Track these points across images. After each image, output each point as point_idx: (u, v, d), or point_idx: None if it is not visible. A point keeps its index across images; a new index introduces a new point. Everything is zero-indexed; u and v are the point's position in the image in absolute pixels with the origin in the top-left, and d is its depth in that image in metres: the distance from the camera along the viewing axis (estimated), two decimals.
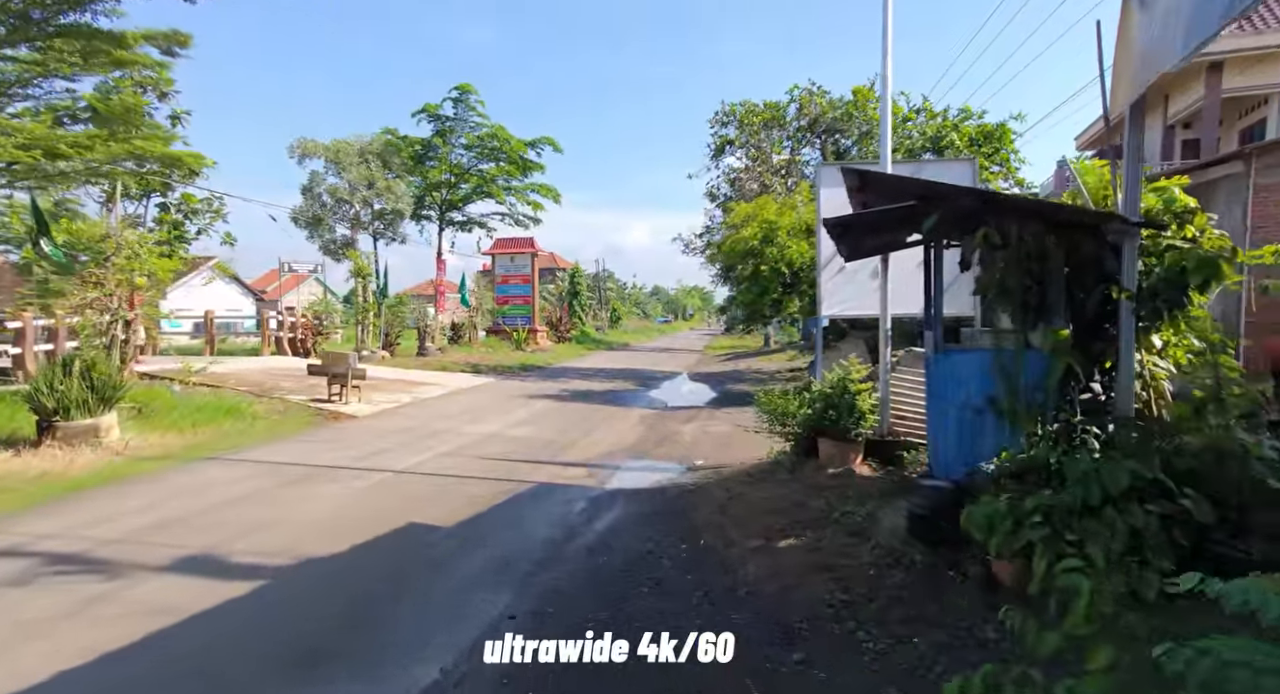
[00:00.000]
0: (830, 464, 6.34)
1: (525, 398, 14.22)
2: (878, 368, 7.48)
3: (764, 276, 13.20)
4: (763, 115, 17.89)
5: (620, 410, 12.87)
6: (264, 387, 12.59)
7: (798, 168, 18.42)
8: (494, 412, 12.17)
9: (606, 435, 10.14)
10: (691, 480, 7.23)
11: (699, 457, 8.59)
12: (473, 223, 24.07)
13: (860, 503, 5.29)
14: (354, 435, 9.50)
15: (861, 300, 7.54)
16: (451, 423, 10.69)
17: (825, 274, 7.62)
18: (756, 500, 5.75)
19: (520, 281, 32.03)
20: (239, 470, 7.23)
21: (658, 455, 8.73)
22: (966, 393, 4.70)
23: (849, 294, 7.57)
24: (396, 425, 10.31)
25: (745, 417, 12.03)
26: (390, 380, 15.45)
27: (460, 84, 20.79)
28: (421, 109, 21.32)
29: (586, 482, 7.26)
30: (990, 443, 4.62)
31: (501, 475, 7.38)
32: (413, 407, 12.36)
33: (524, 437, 9.79)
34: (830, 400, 6.36)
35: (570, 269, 49.57)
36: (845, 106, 17.17)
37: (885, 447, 6.50)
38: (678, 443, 9.61)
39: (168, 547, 4.80)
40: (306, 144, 20.53)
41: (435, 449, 8.64)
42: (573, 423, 11.18)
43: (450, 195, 22.59)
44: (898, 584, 3.92)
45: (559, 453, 8.74)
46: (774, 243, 13.20)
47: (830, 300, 7.65)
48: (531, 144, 22.54)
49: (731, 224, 14.25)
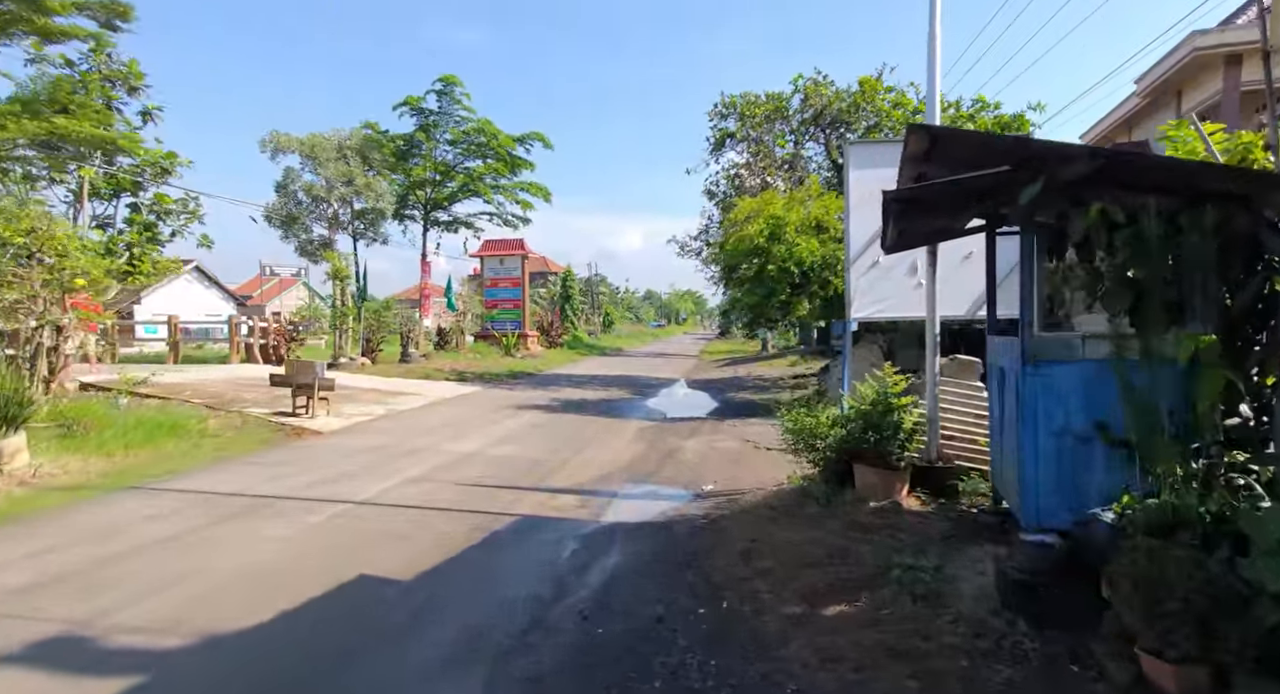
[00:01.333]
0: (870, 496, 5.29)
1: (512, 409, 13.13)
2: (914, 379, 6.46)
3: (771, 277, 12.19)
4: (765, 107, 16.92)
5: (616, 423, 11.81)
6: (223, 399, 11.45)
7: (802, 163, 17.45)
8: (477, 426, 11.06)
9: (601, 453, 9.07)
10: (702, 511, 6.17)
11: (708, 479, 7.54)
12: (459, 223, 22.98)
13: (921, 552, 4.23)
14: (315, 456, 8.38)
15: (899, 300, 6.53)
16: (428, 439, 9.59)
17: (855, 271, 6.59)
18: (787, 545, 4.69)
19: (510, 285, 30.92)
20: (165, 503, 6.10)
21: (660, 478, 7.67)
22: (1065, 415, 3.67)
23: (883, 293, 6.55)
24: (366, 443, 9.19)
25: (753, 429, 11.00)
26: (366, 390, 14.32)
27: (444, 75, 19.71)
28: (403, 102, 20.21)
29: (579, 514, 6.18)
30: (1100, 482, 3.59)
31: (479, 506, 6.29)
32: (387, 420, 11.24)
33: (508, 456, 8.70)
34: (870, 419, 5.31)
35: (562, 272, 48.50)
36: (853, 97, 16.22)
37: (936, 475, 5.47)
38: (682, 462, 8.55)
39: (26, 619, 3.69)
40: (280, 138, 19.36)
41: (405, 473, 7.54)
42: (564, 438, 10.10)
43: (435, 194, 21.46)
44: (1004, 684, 2.86)
45: (547, 476, 7.66)
46: (781, 240, 12.20)
47: (861, 300, 6.62)
48: (520, 140, 21.44)
49: (734, 221, 13.24)
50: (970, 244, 6.35)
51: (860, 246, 6.41)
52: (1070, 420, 3.65)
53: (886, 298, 6.48)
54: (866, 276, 6.51)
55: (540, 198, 23.36)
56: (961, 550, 4.19)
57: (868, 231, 6.37)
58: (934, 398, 5.54)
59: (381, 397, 13.59)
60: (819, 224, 12.69)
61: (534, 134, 21.46)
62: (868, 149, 6.29)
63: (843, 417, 5.63)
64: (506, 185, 22.45)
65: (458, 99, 20.23)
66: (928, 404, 5.58)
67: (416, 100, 20.00)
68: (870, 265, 6.47)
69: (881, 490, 5.29)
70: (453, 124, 20.64)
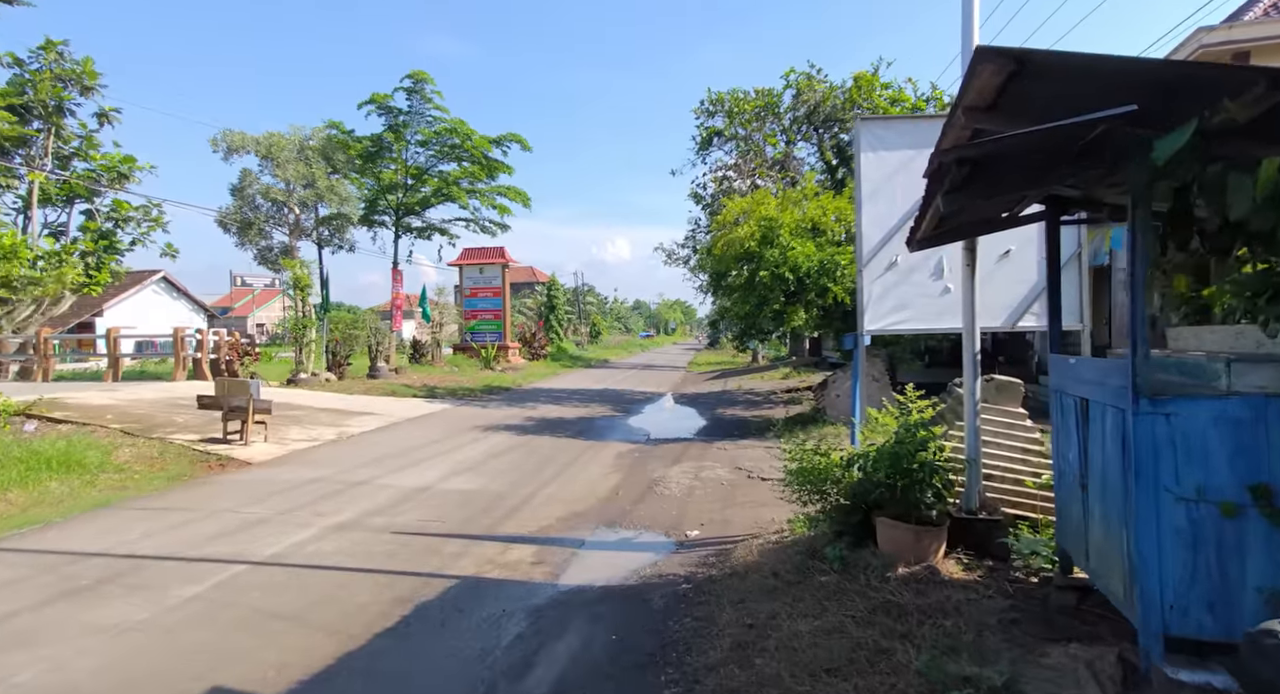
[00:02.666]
0: (898, 558, 4.14)
1: (480, 430, 11.91)
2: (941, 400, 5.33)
3: (763, 284, 11.10)
4: (754, 103, 15.90)
5: (593, 446, 10.62)
6: (151, 423, 10.15)
7: (795, 164, 16.43)
8: (436, 452, 9.84)
9: (572, 485, 7.88)
10: (685, 569, 5.01)
11: (693, 520, 6.38)
12: (432, 229, 21.68)
13: (981, 655, 3.08)
14: (230, 495, 7.13)
15: (922, 308, 5.43)
16: (374, 471, 8.35)
17: (868, 274, 5.47)
18: (796, 636, 3.52)
19: (490, 294, 29.72)
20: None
21: (637, 519, 6.50)
22: (1203, 475, 2.54)
23: (903, 300, 5.43)
24: (299, 477, 7.95)
25: (745, 453, 9.86)
26: (321, 410, 13.04)
27: (414, 71, 18.40)
28: (369, 100, 18.89)
29: (533, 573, 5.00)
30: (1260, 571, 2.46)
31: (411, 565, 5.09)
32: (334, 447, 9.98)
33: (464, 491, 7.49)
34: (895, 460, 4.17)
35: (547, 282, 47.30)
36: (848, 92, 15.25)
37: (979, 529, 4.33)
38: (664, 496, 7.38)
39: None
40: (232, 137, 18.06)
41: (334, 517, 6.31)
42: (532, 467, 8.91)
43: (406, 198, 20.21)
44: None
45: (505, 518, 6.47)
46: (775, 244, 11.12)
47: (876, 309, 5.50)
48: (496, 142, 20.25)
49: (723, 223, 12.16)
50: (1007, 240, 5.27)
51: (875, 245, 5.32)
52: (1210, 482, 2.53)
53: (907, 306, 5.38)
54: (882, 280, 5.40)
55: (519, 203, 22.22)
56: (1039, 652, 3.04)
57: (884, 226, 5.29)
58: (975, 432, 4.40)
59: (336, 417, 12.32)
60: (815, 226, 11.64)
61: (510, 135, 20.27)
62: (883, 126, 5.24)
63: (858, 455, 4.49)
64: (483, 190, 21.25)
65: (429, 97, 18.99)
66: (967, 439, 4.45)
67: (383, 97, 18.72)
68: (887, 267, 5.37)
69: (912, 551, 4.14)
70: (424, 124, 19.43)
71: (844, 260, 10.83)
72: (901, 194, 5.20)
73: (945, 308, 5.24)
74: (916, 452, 4.22)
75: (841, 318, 12.10)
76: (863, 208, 5.31)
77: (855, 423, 5.50)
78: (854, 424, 5.55)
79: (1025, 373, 19.17)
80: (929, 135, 5.31)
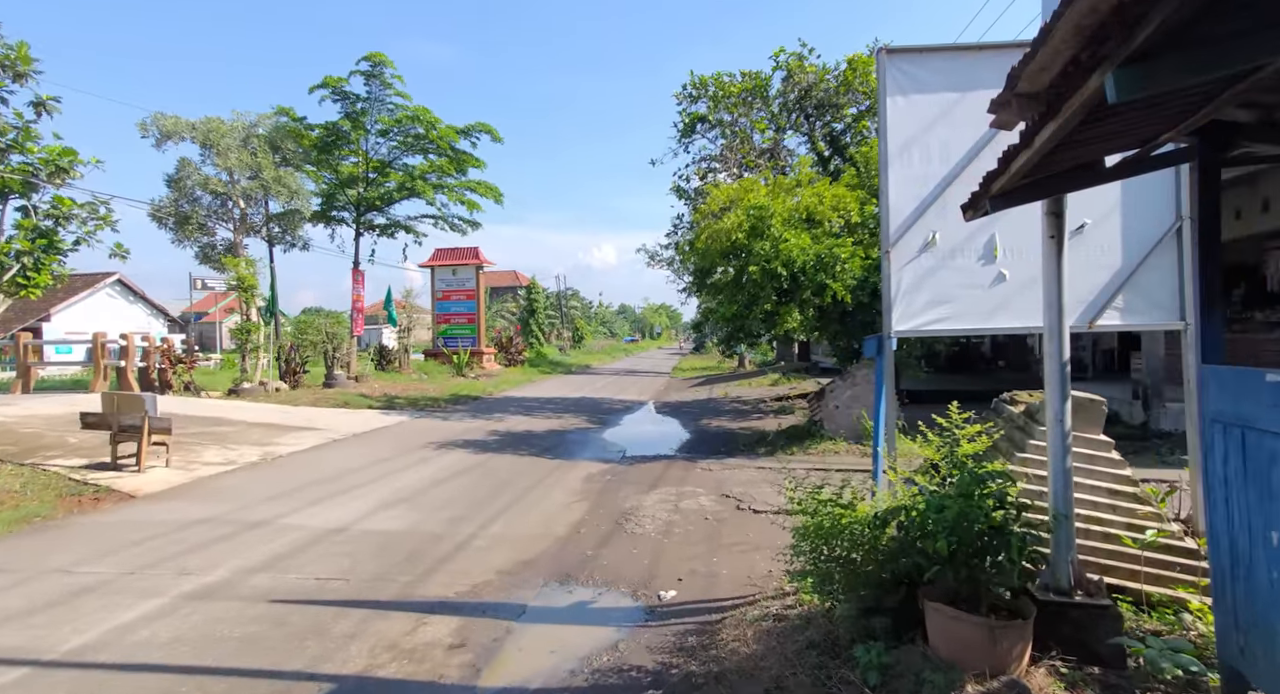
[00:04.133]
0: (964, 665, 2.80)
1: (433, 448, 10.47)
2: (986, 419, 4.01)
3: (753, 281, 9.78)
4: (741, 86, 14.57)
5: (560, 467, 9.23)
6: (34, 444, 8.62)
7: (785, 154, 15.14)
8: (371, 477, 8.39)
9: (525, 520, 6.50)
10: (657, 659, 3.65)
11: (670, 574, 5.03)
12: (397, 226, 20.15)
13: None
14: (78, 545, 5.64)
15: (968, 302, 4.10)
16: (286, 505, 6.90)
17: (897, 257, 4.13)
18: None
19: (464, 297, 28.23)
20: None
21: (600, 571, 5.13)
22: None
23: (943, 291, 4.10)
24: (185, 516, 6.47)
25: (734, 475, 8.49)
26: (254, 425, 11.53)
27: (371, 53, 16.81)
28: (321, 83, 17.22)
29: (446, 668, 3.61)
30: None
31: (273, 658, 3.67)
32: (251, 472, 8.49)
33: (389, 532, 6.07)
34: (962, 523, 2.82)
35: (528, 285, 45.79)
36: (842, 75, 14.00)
37: (1078, 618, 2.98)
38: (635, 536, 6.01)
39: None
40: (165, 121, 16.40)
41: (199, 578, 4.87)
42: (483, 495, 7.51)
43: (367, 193, 18.66)
44: None
45: (432, 571, 5.07)
46: (766, 235, 9.81)
47: (908, 304, 4.14)
48: (464, 132, 18.75)
49: (707, 212, 10.83)
50: (1082, 210, 3.96)
51: (905, 218, 4.00)
52: None
53: (947, 299, 4.04)
54: (915, 266, 4.06)
55: (492, 199, 20.76)
56: None
57: (917, 192, 3.98)
58: (1066, 476, 3.06)
59: (269, 434, 10.82)
60: (810, 216, 10.35)
61: (479, 125, 18.76)
62: (913, 62, 3.93)
63: (894, 508, 3.15)
64: (452, 185, 19.77)
65: (388, 82, 17.37)
66: (1052, 486, 3.11)
67: (337, 81, 17.06)
68: (921, 247, 4.03)
69: (985, 657, 2.79)
70: (384, 112, 17.86)
71: (844, 253, 9.54)
72: (941, 149, 3.92)
73: (999, 301, 3.93)
74: (990, 510, 2.88)
75: (839, 319, 10.80)
76: (889, 168, 3.99)
77: (878, 455, 4.16)
78: (876, 456, 4.21)
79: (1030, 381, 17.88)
80: (976, 73, 4.02)
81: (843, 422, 10.51)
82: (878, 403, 4.24)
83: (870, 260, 9.82)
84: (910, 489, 3.64)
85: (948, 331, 4.17)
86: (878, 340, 4.21)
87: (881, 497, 3.57)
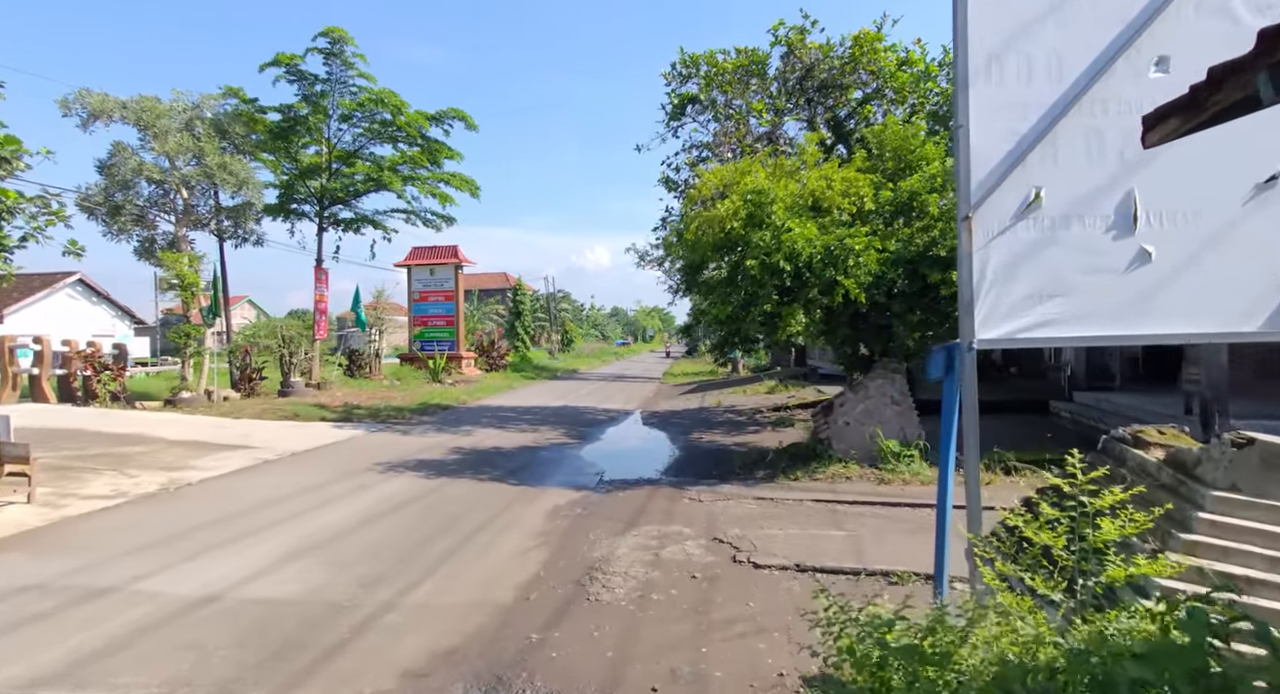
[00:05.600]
0: None
1: (379, 472, 8.99)
2: None
3: (751, 278, 8.36)
4: (736, 62, 13.11)
5: (522, 497, 7.78)
6: None
7: (785, 139, 13.70)
8: (290, 512, 6.90)
9: (462, 582, 5.04)
10: None
11: (641, 677, 3.60)
12: (364, 221, 18.57)
13: None
14: None
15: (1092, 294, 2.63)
16: (153, 560, 5.40)
17: (981, 226, 2.68)
18: None
19: (442, 298, 26.74)
20: None
21: (545, 675, 3.68)
22: None
23: (1051, 279, 2.64)
24: (9, 580, 4.96)
25: (729, 509, 6.95)
26: (175, 443, 10.02)
27: (328, 27, 15.18)
28: (273, 61, 15.50)
29: None
30: None
31: None
32: (139, 508, 6.97)
33: (275, 602, 4.60)
34: None
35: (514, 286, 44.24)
36: (848, 52, 12.61)
37: None
38: (601, 607, 4.57)
39: None
40: (91, 98, 14.70)
41: None
42: (421, 538, 6.06)
43: (330, 184, 17.06)
44: None
45: (300, 682, 3.59)
46: (766, 224, 8.40)
47: (998, 297, 2.66)
48: (435, 118, 17.16)
49: (698, 198, 9.41)
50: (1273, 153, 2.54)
51: (995, 166, 2.57)
52: None
53: (1061, 289, 2.56)
54: (1009, 239, 2.59)
55: (468, 193, 19.25)
56: None
57: (1012, 127, 2.55)
58: None
59: (188, 455, 9.30)
60: (817, 203, 8.95)
61: (452, 111, 17.13)
62: None
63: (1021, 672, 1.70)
64: (424, 177, 18.24)
65: (350, 61, 15.68)
66: None
67: (291, 58, 15.27)
68: (1018, 212, 2.56)
69: None
70: (347, 95, 16.30)
71: (857, 245, 8.14)
72: (1049, 62, 2.50)
73: (1142, 294, 2.52)
74: None
75: (850, 322, 9.40)
76: (968, 90, 2.58)
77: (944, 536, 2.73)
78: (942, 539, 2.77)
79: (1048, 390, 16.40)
80: None
81: (854, 440, 9.09)
82: (947, 450, 2.80)
83: (887, 254, 8.43)
84: (1017, 601, 2.23)
85: (1062, 340, 2.75)
86: (947, 353, 2.77)
87: (973, 615, 2.12)
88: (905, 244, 8.48)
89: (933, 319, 8.81)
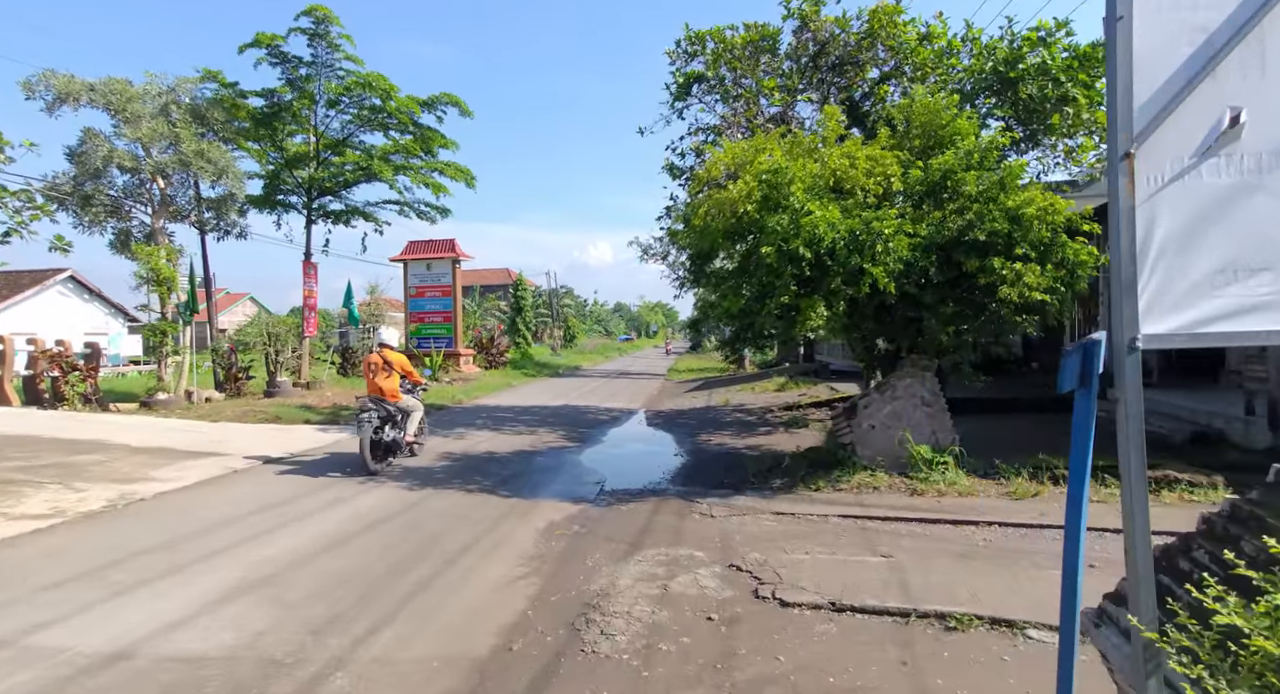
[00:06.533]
0: None
1: (358, 482, 8.18)
2: None
3: (765, 267, 7.50)
4: (745, 37, 12.15)
5: (515, 510, 6.97)
6: None
7: (797, 122, 12.75)
8: (246, 534, 6.09)
9: (433, 626, 4.20)
10: None
11: None
12: (354, 213, 17.69)
13: None
14: None
15: None
16: (69, 601, 4.58)
17: (1146, 166, 1.82)
18: None
19: (439, 294, 25.93)
20: None
21: None
22: None
23: (1260, 241, 1.80)
24: None
25: (745, 526, 5.98)
26: (137, 450, 9.23)
27: (311, 5, 14.20)
28: (254, 42, 14.51)
29: None
30: None
31: None
32: (76, 529, 6.15)
33: (200, 660, 3.77)
34: None
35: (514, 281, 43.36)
36: (866, 25, 11.68)
37: None
38: (598, 663, 3.74)
39: None
40: (56, 80, 13.80)
41: None
42: (389, 567, 5.23)
43: (318, 173, 16.17)
44: None
45: None
46: (783, 207, 7.53)
47: (1169, 272, 1.77)
48: (428, 104, 16.22)
49: (707, 179, 8.53)
50: None
51: (1170, 77, 1.74)
52: None
53: (1272, 261, 1.77)
54: (1190, 185, 1.75)
55: (463, 183, 18.38)
56: None
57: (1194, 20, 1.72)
58: None
59: (149, 464, 8.49)
60: (839, 184, 8.07)
61: (445, 95, 16.17)
62: None
63: None
64: (417, 166, 17.37)
65: (335, 43, 14.81)
66: None
67: (272, 38, 14.24)
68: (1204, 147, 1.72)
69: None
70: (333, 79, 15.39)
71: (886, 229, 7.27)
72: None
73: None
74: None
75: (875, 316, 8.52)
76: None
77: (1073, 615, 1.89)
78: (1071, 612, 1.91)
79: None
80: None
81: (880, 445, 8.23)
82: (1079, 484, 1.95)
83: (918, 239, 7.55)
84: None
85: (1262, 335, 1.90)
86: (1083, 352, 1.92)
87: None
88: (937, 228, 7.60)
89: (968, 312, 7.94)
